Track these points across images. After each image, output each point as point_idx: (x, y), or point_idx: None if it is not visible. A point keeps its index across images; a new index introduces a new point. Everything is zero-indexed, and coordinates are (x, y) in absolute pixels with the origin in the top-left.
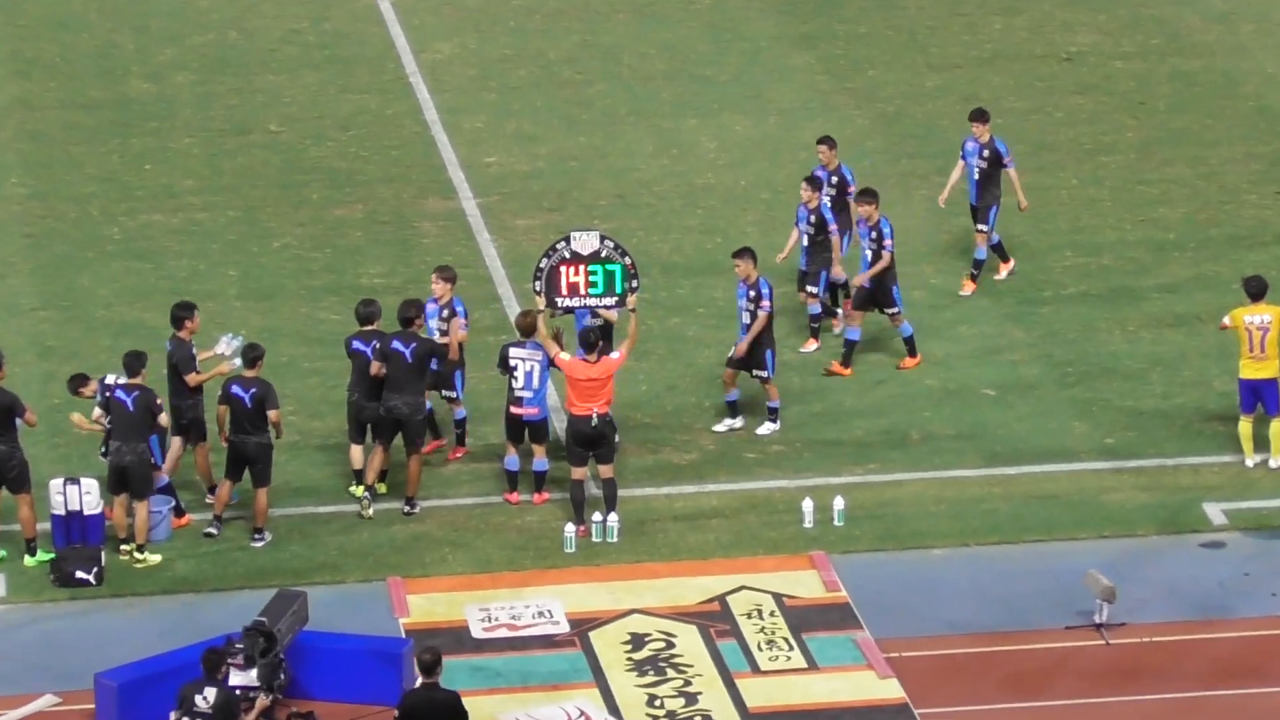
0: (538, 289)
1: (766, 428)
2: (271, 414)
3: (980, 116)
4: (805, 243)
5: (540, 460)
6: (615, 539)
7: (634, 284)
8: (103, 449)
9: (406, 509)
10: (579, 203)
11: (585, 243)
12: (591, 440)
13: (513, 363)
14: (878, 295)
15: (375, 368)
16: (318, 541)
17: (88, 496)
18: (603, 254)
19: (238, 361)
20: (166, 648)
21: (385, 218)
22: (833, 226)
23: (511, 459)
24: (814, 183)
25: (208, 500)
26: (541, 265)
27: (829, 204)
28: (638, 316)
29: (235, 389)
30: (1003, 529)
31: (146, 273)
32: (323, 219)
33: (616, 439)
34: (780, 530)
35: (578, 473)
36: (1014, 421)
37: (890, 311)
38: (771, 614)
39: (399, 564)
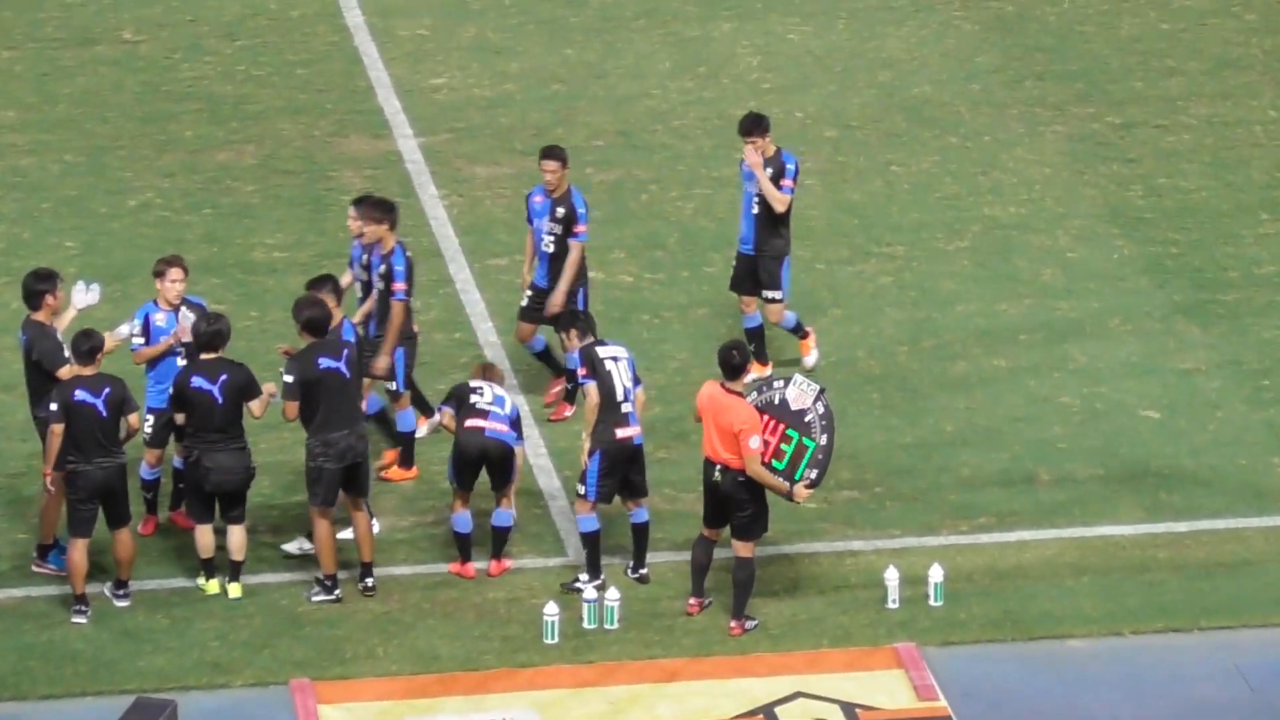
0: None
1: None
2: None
3: (755, 126)
4: (551, 250)
5: (504, 512)
6: (615, 624)
7: (813, 475)
8: None
9: (369, 583)
10: (566, 143)
11: (801, 395)
12: (715, 500)
13: (474, 384)
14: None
15: (289, 409)
16: (191, 627)
17: None
18: (807, 418)
19: (124, 329)
20: None
21: (289, 165)
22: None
23: (461, 517)
24: (554, 152)
25: (36, 567)
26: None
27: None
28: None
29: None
30: (1173, 611)
31: None
32: (200, 167)
33: (755, 513)
34: (854, 613)
35: (706, 528)
36: (1187, 456)
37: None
38: None
39: (307, 660)
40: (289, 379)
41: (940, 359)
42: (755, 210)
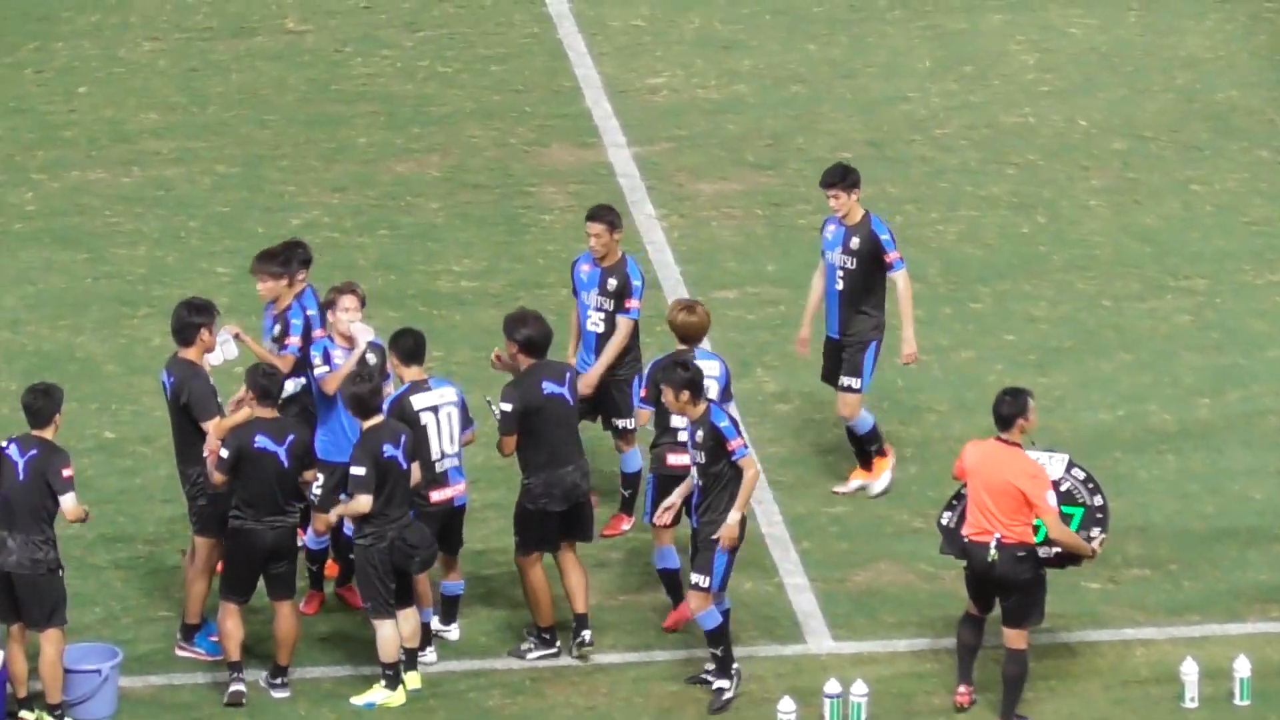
0: (946, 521)
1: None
2: (308, 474)
3: (840, 178)
4: (600, 329)
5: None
6: None
7: (1095, 533)
8: None
9: (586, 637)
10: (806, 155)
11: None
12: (987, 584)
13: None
14: None
15: (509, 444)
16: None
17: None
18: (1064, 488)
19: (291, 386)
20: None
21: (480, 178)
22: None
23: (667, 552)
24: (599, 214)
25: (180, 650)
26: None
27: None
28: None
29: (262, 441)
30: None
31: (78, 268)
32: (375, 180)
33: (1034, 595)
34: (1144, 713)
35: (972, 606)
36: None
37: None
38: None
39: None
40: (507, 408)
41: (1248, 413)
42: (839, 286)
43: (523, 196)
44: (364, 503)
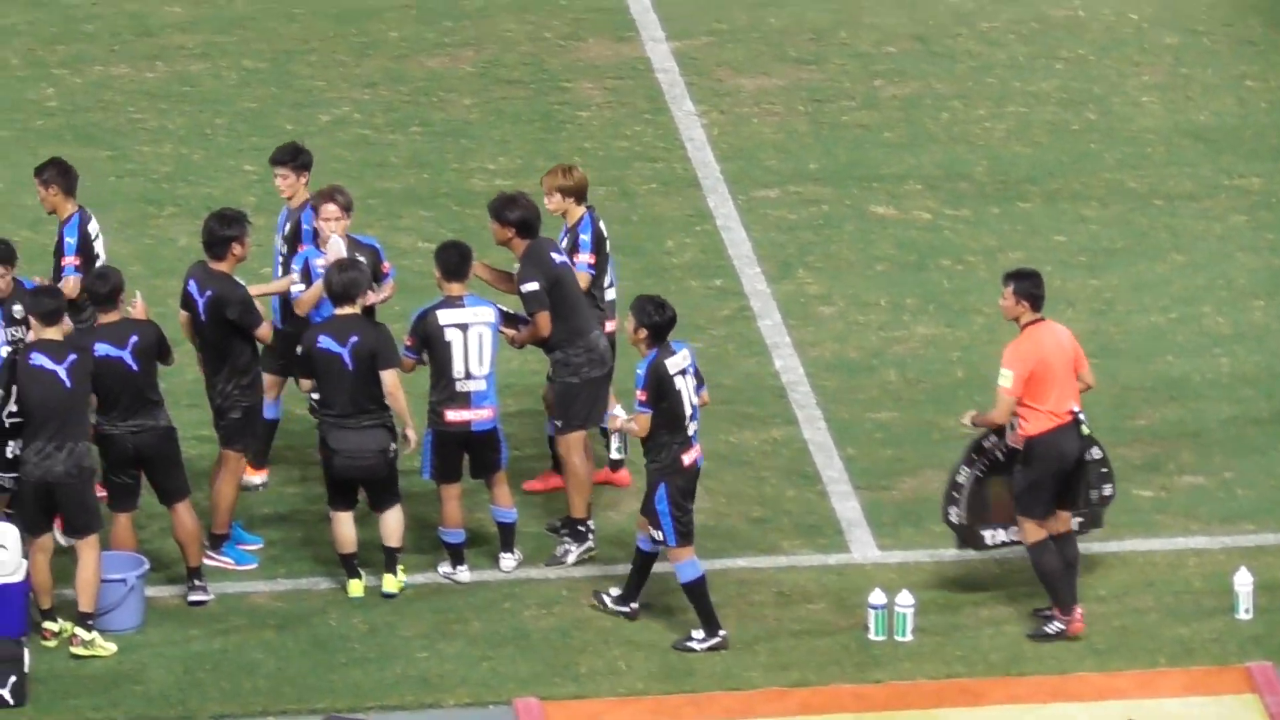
0: (956, 518)
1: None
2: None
3: (291, 157)
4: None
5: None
6: (908, 635)
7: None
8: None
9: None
10: (850, 50)
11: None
12: (1071, 474)
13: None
14: None
15: (545, 321)
16: (394, 634)
17: (3, 552)
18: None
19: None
20: None
21: (515, 74)
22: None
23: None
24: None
25: (209, 558)
26: (960, 480)
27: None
28: None
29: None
30: None
31: (101, 166)
32: (406, 75)
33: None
34: (1196, 625)
35: (1044, 525)
36: None
37: None
38: None
39: (534, 676)
40: (534, 286)
41: None
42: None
43: (558, 92)
44: (305, 385)
